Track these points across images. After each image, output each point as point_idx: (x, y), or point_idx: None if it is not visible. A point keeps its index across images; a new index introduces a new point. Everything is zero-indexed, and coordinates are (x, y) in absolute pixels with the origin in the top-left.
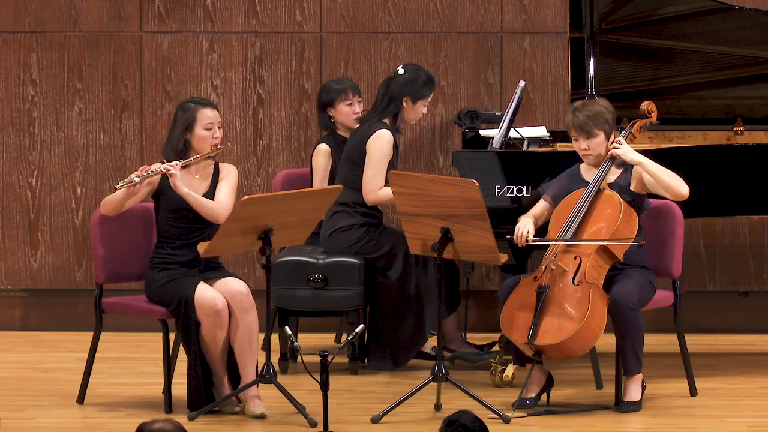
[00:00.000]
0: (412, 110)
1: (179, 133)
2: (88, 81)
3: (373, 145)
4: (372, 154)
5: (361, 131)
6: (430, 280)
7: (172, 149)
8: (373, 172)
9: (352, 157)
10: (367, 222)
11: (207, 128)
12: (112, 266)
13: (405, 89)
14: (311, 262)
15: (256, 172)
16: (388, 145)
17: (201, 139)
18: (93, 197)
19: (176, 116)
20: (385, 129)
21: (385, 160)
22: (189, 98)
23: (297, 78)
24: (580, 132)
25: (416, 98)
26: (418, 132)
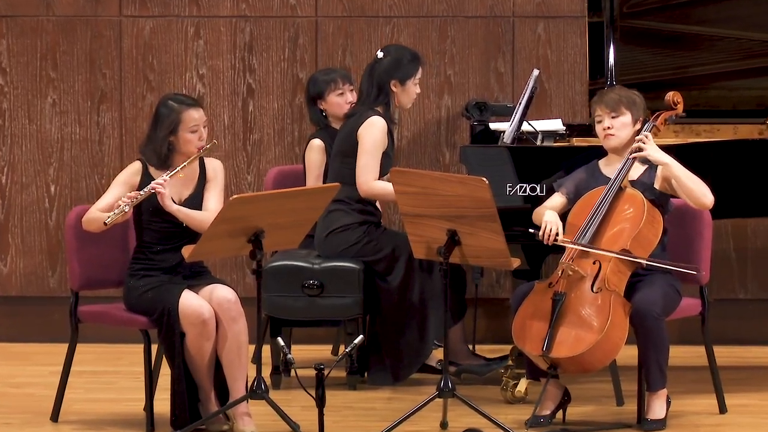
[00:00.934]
0: (403, 93)
1: (163, 137)
2: (62, 69)
3: (365, 133)
4: (364, 143)
5: (351, 122)
6: (435, 287)
7: (154, 153)
8: (365, 161)
9: (344, 150)
10: (366, 220)
11: (193, 131)
12: (89, 272)
13: (390, 72)
14: (306, 267)
15: (246, 169)
16: (381, 133)
17: (186, 143)
18: (68, 196)
19: (158, 115)
20: (377, 116)
21: (378, 149)
22: (171, 95)
23: (290, 66)
24: (605, 108)
25: (404, 78)
26: (422, 125)
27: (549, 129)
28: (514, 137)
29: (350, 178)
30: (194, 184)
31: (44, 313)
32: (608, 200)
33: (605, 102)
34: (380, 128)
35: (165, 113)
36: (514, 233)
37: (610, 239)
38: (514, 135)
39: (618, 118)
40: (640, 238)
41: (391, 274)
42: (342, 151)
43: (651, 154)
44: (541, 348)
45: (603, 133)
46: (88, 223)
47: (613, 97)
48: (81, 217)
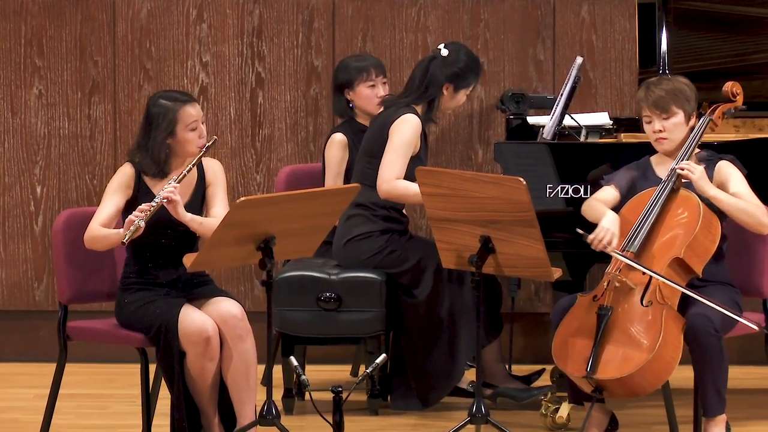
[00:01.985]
0: (452, 99)
1: (159, 142)
2: (49, 57)
3: (397, 129)
4: (393, 139)
5: (383, 117)
6: (467, 301)
7: (151, 160)
8: (391, 158)
9: (372, 149)
10: (390, 228)
11: (192, 129)
12: (80, 283)
13: (448, 74)
14: (322, 277)
15: (255, 168)
16: (413, 132)
17: (186, 143)
18: (56, 198)
19: (150, 117)
20: (413, 114)
21: (407, 147)
22: (161, 92)
23: (304, 54)
24: (654, 109)
25: (459, 86)
26: (452, 119)
27: (594, 123)
28: (555, 132)
29: (375, 182)
30: (192, 190)
31: (29, 329)
32: (660, 203)
33: (653, 102)
34: (414, 127)
35: (158, 114)
36: (555, 240)
37: (662, 247)
38: (554, 130)
39: (670, 119)
40: (696, 246)
41: (418, 286)
42: (369, 150)
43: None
44: (585, 369)
45: (654, 136)
46: (92, 242)
47: (661, 96)
48: (69, 223)
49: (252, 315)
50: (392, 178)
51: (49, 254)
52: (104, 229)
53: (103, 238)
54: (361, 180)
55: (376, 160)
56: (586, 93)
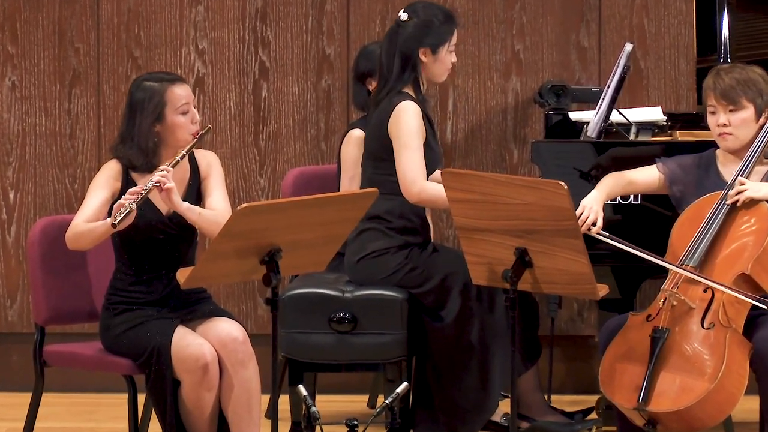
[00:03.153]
0: (435, 63)
1: (146, 128)
2: (24, 43)
3: (396, 125)
4: (399, 137)
5: (376, 115)
6: (500, 322)
7: (139, 151)
8: (407, 158)
9: (375, 152)
10: (409, 242)
11: (183, 111)
12: (58, 301)
13: (418, 38)
14: (335, 295)
15: (258, 171)
16: (415, 119)
17: (177, 128)
18: (31, 205)
19: (134, 103)
20: (407, 100)
21: (417, 138)
22: (144, 75)
23: (315, 39)
24: (720, 99)
25: (437, 45)
26: (483, 115)
27: (645, 119)
28: (601, 130)
29: (387, 188)
30: (185, 185)
31: (0, 354)
32: (723, 211)
33: (721, 92)
34: (413, 114)
35: (143, 98)
36: (601, 252)
37: (726, 261)
38: (600, 127)
39: (737, 113)
40: (765, 260)
41: (444, 306)
42: (373, 154)
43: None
44: (637, 399)
45: (717, 131)
46: (75, 239)
47: (731, 85)
48: (47, 232)
49: (255, 338)
50: (419, 179)
51: (24, 268)
52: (89, 223)
53: (88, 232)
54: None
55: (384, 164)
56: (636, 84)
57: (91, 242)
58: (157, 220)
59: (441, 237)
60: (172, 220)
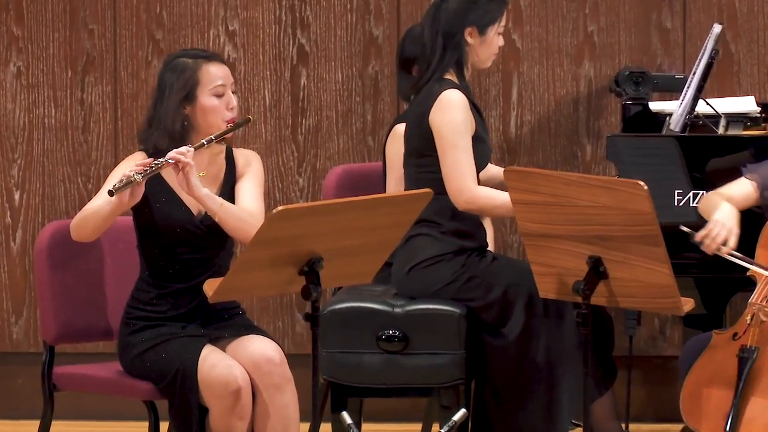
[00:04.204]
0: (482, 46)
1: (173, 107)
2: (31, 24)
3: (440, 118)
4: (443, 133)
5: (416, 106)
6: (570, 341)
7: (165, 133)
8: (454, 159)
9: (417, 147)
10: (465, 247)
11: (217, 94)
12: (70, 316)
13: (463, 16)
14: (383, 310)
15: (297, 169)
16: (462, 111)
17: (209, 113)
18: (39, 208)
19: (163, 82)
20: (451, 89)
21: (465, 133)
22: (180, 51)
23: (360, 20)
24: None
25: (484, 24)
26: (551, 105)
27: (736, 111)
28: (686, 122)
29: (434, 187)
30: (219, 184)
31: (4, 376)
32: None
33: None
34: (459, 105)
35: (173, 77)
36: (686, 262)
37: None
38: (685, 119)
39: None
40: None
41: (506, 323)
42: (415, 150)
43: None
44: (724, 428)
45: None
46: (80, 225)
47: None
48: (56, 238)
49: (293, 359)
50: (468, 183)
51: (30, 279)
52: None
53: (92, 215)
54: (416, 188)
55: (427, 159)
56: (726, 71)
57: (96, 227)
58: (186, 221)
59: (504, 244)
60: (203, 222)
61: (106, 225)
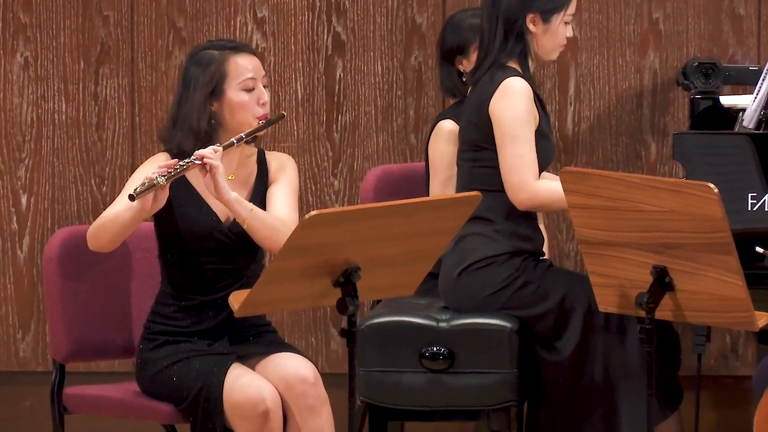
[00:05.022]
0: (546, 35)
1: (199, 104)
2: (40, 10)
3: (500, 107)
4: (503, 123)
5: (475, 97)
6: (632, 358)
7: (190, 132)
8: (513, 151)
9: (474, 140)
10: (521, 249)
11: (247, 88)
12: (83, 331)
13: (524, 2)
14: (427, 325)
15: (331, 170)
16: (525, 100)
17: (238, 109)
18: (48, 212)
19: (187, 76)
20: (514, 77)
21: (528, 125)
22: (207, 43)
23: (403, 5)
24: None
25: (548, 11)
26: (611, 100)
27: None
28: (761, 119)
29: (490, 182)
30: (249, 189)
31: (10, 397)
32: None
33: None
34: (522, 93)
35: (199, 71)
36: (761, 272)
37: None
38: (760, 115)
39: None
40: None
41: (561, 336)
42: (471, 143)
43: None
44: None
45: None
46: (96, 232)
47: None
48: (67, 246)
49: (328, 378)
50: (529, 179)
51: (39, 291)
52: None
53: (111, 221)
54: (471, 185)
55: (484, 153)
56: None
57: (115, 235)
58: (214, 228)
59: (560, 253)
60: (231, 230)
61: (127, 233)
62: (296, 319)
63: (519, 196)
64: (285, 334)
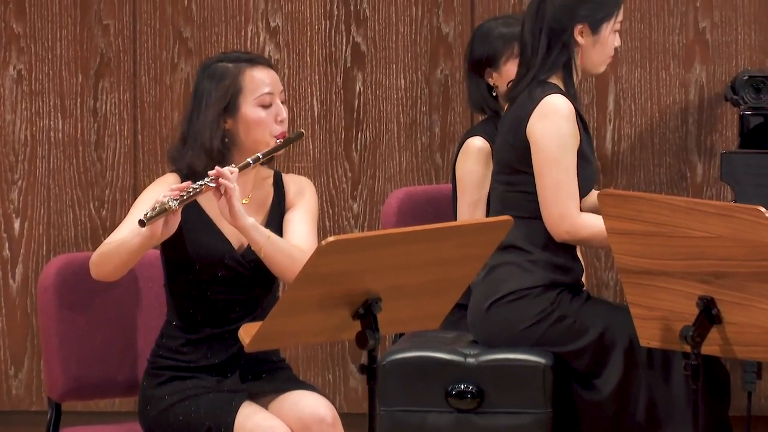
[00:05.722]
0: (594, 47)
1: (212, 121)
2: (35, 19)
3: (540, 127)
4: (543, 147)
5: (512, 114)
6: (677, 397)
7: (202, 152)
8: (555, 180)
9: (510, 162)
10: (558, 281)
11: (263, 104)
12: (80, 369)
13: (572, 11)
14: (454, 361)
15: (350, 192)
16: (567, 122)
17: (254, 126)
18: (43, 238)
19: (199, 91)
20: (555, 94)
21: (570, 149)
22: (220, 54)
23: (428, 14)
24: None
25: (598, 20)
26: (654, 116)
27: None
28: None
29: (526, 210)
30: (264, 214)
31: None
32: None
33: None
34: (564, 113)
35: (211, 85)
36: None
37: None
38: None
39: None
40: None
41: (600, 374)
42: (507, 164)
43: None
44: None
45: None
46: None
47: None
48: (64, 275)
49: (347, 418)
50: (570, 210)
51: (33, 324)
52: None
53: (117, 248)
54: (504, 210)
55: (520, 176)
56: None
57: (121, 263)
58: (225, 254)
59: (598, 282)
60: (245, 258)
61: (134, 261)
62: (312, 354)
63: (558, 228)
64: (300, 371)
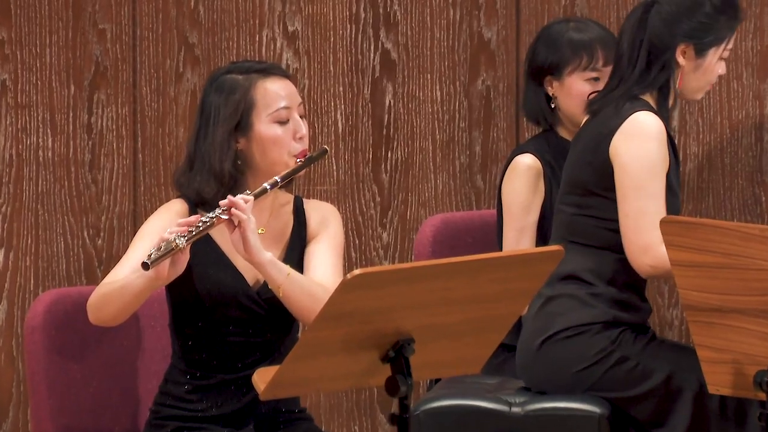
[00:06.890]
0: (696, 71)
1: (221, 141)
2: (22, 23)
3: (627, 147)
4: (629, 166)
5: (592, 128)
6: None
7: (212, 177)
8: (641, 204)
9: (584, 181)
10: (621, 319)
11: (280, 119)
12: (73, 419)
13: (678, 28)
14: (497, 410)
15: (379, 218)
16: (657, 144)
17: (270, 146)
18: (31, 271)
19: (207, 107)
20: (646, 111)
21: (660, 174)
22: (229, 65)
23: (467, 17)
24: None
25: (705, 45)
26: (724, 134)
27: None
28: None
29: (594, 238)
30: (283, 246)
31: None
32: None
33: None
34: (655, 134)
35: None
36: None
37: None
38: None
39: None
40: None
41: (665, 424)
42: (580, 184)
43: None
44: None
45: None
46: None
47: None
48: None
49: None
50: (655, 240)
51: (19, 368)
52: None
53: (119, 291)
54: (569, 236)
55: (595, 199)
56: None
57: (123, 307)
58: (239, 292)
59: (661, 321)
60: (261, 296)
61: (138, 304)
62: (336, 402)
63: (642, 260)
64: (322, 422)
